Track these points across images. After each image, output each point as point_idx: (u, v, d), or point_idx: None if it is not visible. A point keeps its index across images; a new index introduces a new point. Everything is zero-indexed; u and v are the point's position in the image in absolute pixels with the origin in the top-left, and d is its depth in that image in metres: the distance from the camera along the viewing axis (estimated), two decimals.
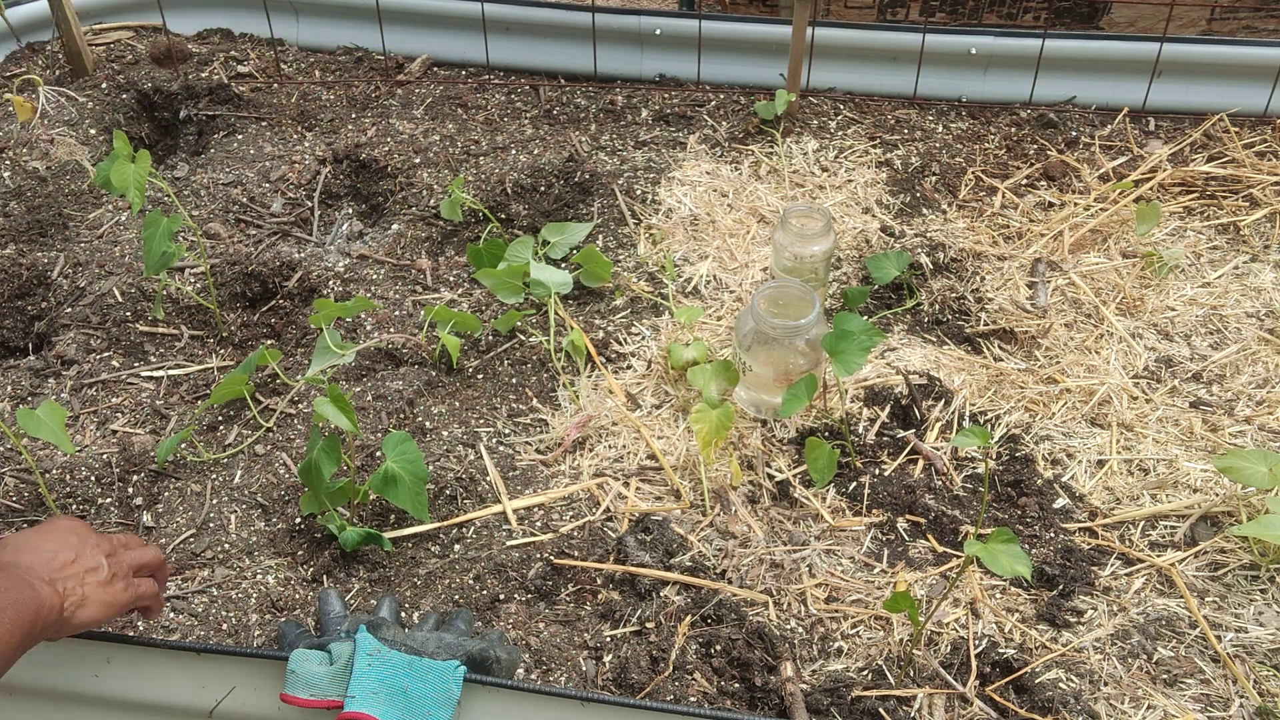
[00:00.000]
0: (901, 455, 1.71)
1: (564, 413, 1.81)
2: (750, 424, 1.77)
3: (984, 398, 1.81)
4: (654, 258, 2.11)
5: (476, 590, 1.54)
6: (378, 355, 1.91)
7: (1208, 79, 2.46)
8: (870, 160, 2.35)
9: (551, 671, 1.42)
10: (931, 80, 2.53)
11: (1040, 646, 1.45)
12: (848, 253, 2.13)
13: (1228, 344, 1.91)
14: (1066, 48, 2.47)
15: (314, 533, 1.62)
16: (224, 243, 2.17)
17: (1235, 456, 1.57)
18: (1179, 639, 1.46)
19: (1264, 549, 1.56)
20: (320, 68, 2.70)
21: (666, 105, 2.56)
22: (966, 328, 1.95)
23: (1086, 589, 1.52)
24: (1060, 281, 2.03)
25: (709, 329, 1.95)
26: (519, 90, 2.65)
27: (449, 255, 2.16)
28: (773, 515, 1.63)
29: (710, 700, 1.38)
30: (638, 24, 2.61)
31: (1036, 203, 2.24)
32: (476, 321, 1.88)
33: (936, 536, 1.60)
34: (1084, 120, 2.46)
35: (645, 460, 1.72)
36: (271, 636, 1.47)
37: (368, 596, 1.54)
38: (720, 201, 2.24)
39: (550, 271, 1.97)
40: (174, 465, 1.74)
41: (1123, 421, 1.76)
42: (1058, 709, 1.36)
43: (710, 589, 1.51)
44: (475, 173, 2.31)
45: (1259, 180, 2.25)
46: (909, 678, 1.41)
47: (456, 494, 1.67)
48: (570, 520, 1.63)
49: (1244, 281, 2.05)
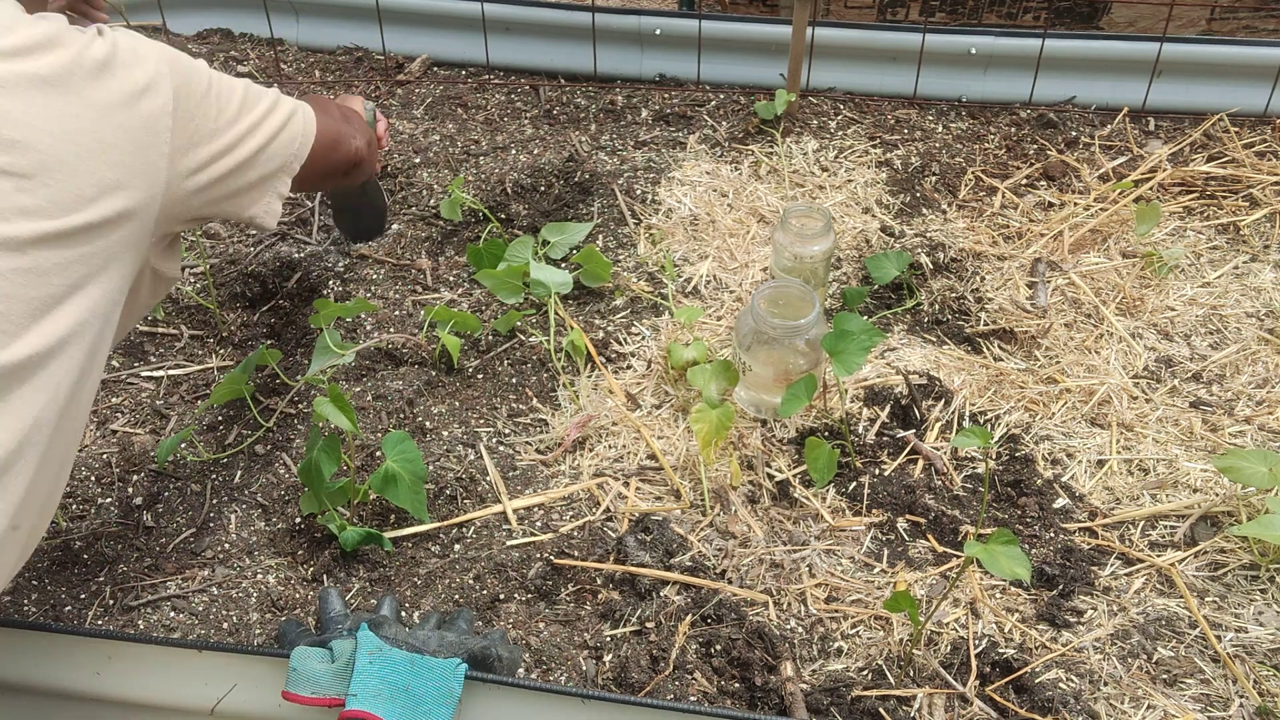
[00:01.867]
0: (901, 455, 1.71)
1: (564, 413, 1.81)
2: (750, 424, 1.77)
3: (984, 398, 1.81)
4: (654, 258, 2.11)
5: (476, 590, 1.54)
6: (378, 355, 1.91)
7: (1208, 79, 2.46)
8: (870, 160, 2.35)
9: (551, 671, 1.42)
10: (931, 80, 2.54)
11: (1040, 646, 1.45)
12: (848, 253, 2.13)
13: (1228, 344, 1.92)
14: (1066, 48, 2.47)
15: (314, 532, 1.62)
16: (224, 242, 2.17)
17: (1235, 456, 1.57)
18: (1179, 639, 1.46)
19: (1264, 549, 1.56)
20: (320, 68, 2.70)
21: (666, 105, 2.57)
22: (966, 328, 1.96)
23: (1086, 589, 1.52)
24: (1060, 281, 2.03)
25: (709, 329, 1.95)
26: (519, 90, 2.65)
27: (449, 255, 2.16)
28: (773, 515, 1.64)
29: (710, 700, 1.38)
30: (638, 24, 2.62)
31: (1036, 203, 2.24)
32: (476, 321, 1.88)
33: (936, 536, 1.60)
34: (1084, 120, 2.46)
35: (645, 460, 1.72)
36: (272, 635, 1.48)
37: (368, 596, 1.54)
38: (720, 201, 2.24)
39: (550, 271, 1.97)
40: (174, 465, 1.74)
41: (1123, 421, 1.76)
42: (1058, 709, 1.36)
43: (710, 589, 1.51)
44: (475, 173, 2.31)
45: (1259, 180, 2.25)
46: (909, 678, 1.41)
47: (456, 494, 1.67)
48: (570, 520, 1.63)
49: (1244, 281, 2.05)
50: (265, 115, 1.35)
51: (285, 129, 1.38)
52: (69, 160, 1.07)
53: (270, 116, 1.36)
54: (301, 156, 1.39)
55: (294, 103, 1.42)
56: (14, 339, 1.03)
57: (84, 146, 1.09)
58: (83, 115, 1.10)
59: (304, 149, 1.40)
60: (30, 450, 1.06)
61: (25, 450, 1.05)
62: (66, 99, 1.09)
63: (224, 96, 1.28)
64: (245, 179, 1.33)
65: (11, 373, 1.03)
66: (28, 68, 1.06)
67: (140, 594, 1.54)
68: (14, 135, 1.04)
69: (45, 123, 1.06)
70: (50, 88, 1.08)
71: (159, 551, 1.60)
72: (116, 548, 1.61)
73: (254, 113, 1.33)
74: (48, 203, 1.05)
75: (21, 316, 1.03)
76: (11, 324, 1.02)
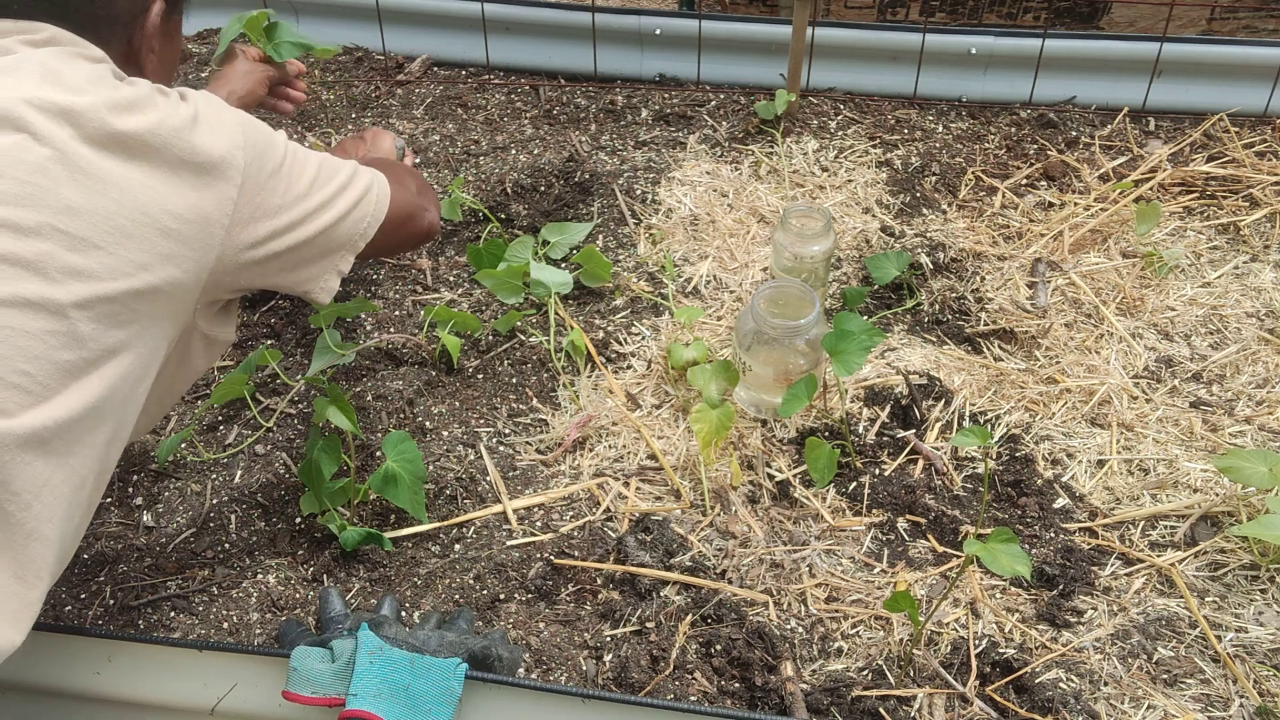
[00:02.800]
0: (901, 455, 1.71)
1: (564, 413, 1.81)
2: (750, 424, 1.77)
3: (984, 398, 1.81)
4: (654, 258, 2.11)
5: (477, 590, 1.54)
6: (378, 355, 1.91)
7: (1208, 79, 2.46)
8: (870, 160, 2.35)
9: (552, 671, 1.42)
10: (931, 80, 2.54)
11: (1040, 646, 1.45)
12: (848, 253, 2.13)
13: (1228, 344, 1.92)
14: (1066, 48, 2.47)
15: (314, 532, 1.62)
16: None
17: (1235, 456, 1.57)
18: (1179, 639, 1.46)
19: (1264, 549, 1.56)
20: (320, 68, 2.70)
21: (666, 105, 2.57)
22: (966, 328, 1.96)
23: (1086, 589, 1.52)
24: (1060, 281, 2.03)
25: (709, 329, 1.95)
26: (519, 90, 2.65)
27: (449, 255, 2.16)
28: (773, 515, 1.64)
29: (710, 700, 1.38)
30: (638, 24, 2.62)
31: (1036, 203, 2.24)
32: (476, 321, 1.88)
33: (936, 536, 1.60)
34: (1084, 120, 2.47)
35: (645, 460, 1.72)
36: (272, 635, 1.48)
37: (368, 596, 1.54)
38: (720, 201, 2.24)
39: (550, 271, 1.97)
40: (174, 465, 1.74)
41: (1123, 421, 1.76)
42: (1058, 709, 1.36)
43: (710, 589, 1.51)
44: (475, 173, 2.31)
45: (1259, 180, 2.25)
46: (909, 678, 1.41)
47: (456, 494, 1.67)
48: (570, 520, 1.63)
49: (1244, 281, 2.05)
50: (337, 193, 1.30)
51: (356, 208, 1.33)
52: (128, 227, 1.07)
53: (342, 195, 1.31)
54: (369, 235, 1.34)
55: (370, 177, 1.36)
56: (42, 401, 1.02)
57: (147, 215, 1.08)
58: (150, 184, 1.09)
59: (372, 228, 1.34)
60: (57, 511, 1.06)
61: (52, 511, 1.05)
62: (137, 163, 1.09)
63: (295, 171, 1.25)
64: (304, 254, 1.28)
65: (35, 438, 1.02)
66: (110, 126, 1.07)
67: (140, 594, 1.54)
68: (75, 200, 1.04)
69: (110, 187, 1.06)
70: (125, 150, 1.08)
71: (159, 551, 1.60)
72: (117, 548, 1.61)
73: (325, 190, 1.28)
74: (100, 266, 1.05)
75: (50, 378, 1.02)
76: (40, 385, 1.02)
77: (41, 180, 1.02)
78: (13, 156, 1.02)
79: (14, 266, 1.00)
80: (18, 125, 1.03)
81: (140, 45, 1.25)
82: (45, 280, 1.02)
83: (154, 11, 1.25)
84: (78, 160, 1.04)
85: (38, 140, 1.03)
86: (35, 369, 1.01)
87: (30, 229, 1.01)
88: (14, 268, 1.00)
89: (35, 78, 1.07)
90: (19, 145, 1.03)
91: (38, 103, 1.04)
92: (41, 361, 1.01)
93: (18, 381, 1.00)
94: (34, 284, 1.01)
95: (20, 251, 1.01)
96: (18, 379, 1.00)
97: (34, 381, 1.01)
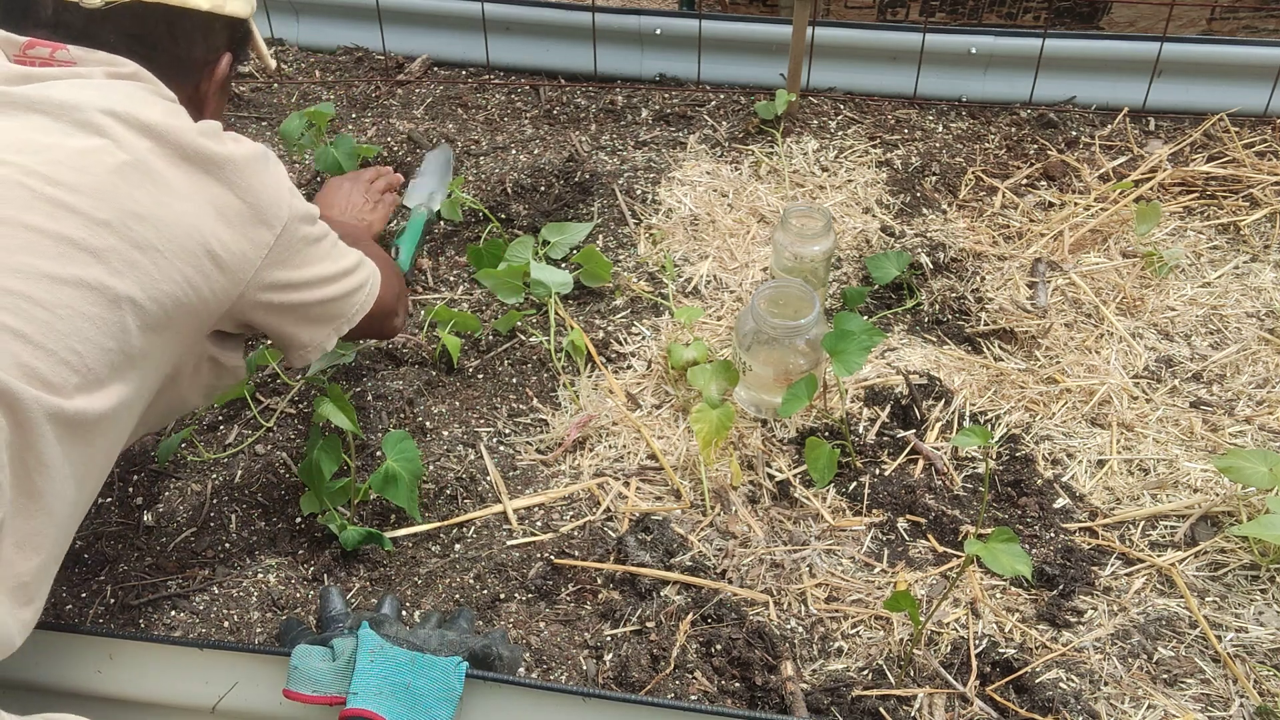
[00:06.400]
0: (901, 455, 1.71)
1: (564, 412, 1.81)
2: (750, 424, 1.77)
3: (984, 398, 1.81)
4: (654, 258, 2.12)
5: (477, 590, 1.54)
6: (378, 355, 1.91)
7: (1208, 79, 2.46)
8: (870, 160, 2.35)
9: (552, 671, 1.42)
10: (931, 80, 2.54)
11: (1040, 646, 1.45)
12: (848, 253, 2.13)
13: (1228, 344, 1.92)
14: (1066, 48, 2.47)
15: (314, 532, 1.62)
16: None
17: (1235, 456, 1.57)
18: (1179, 639, 1.46)
19: (1264, 549, 1.56)
20: (320, 68, 2.71)
21: (666, 105, 2.57)
22: (966, 328, 1.96)
23: (1087, 589, 1.52)
24: (1060, 281, 2.03)
25: (709, 329, 1.95)
26: (519, 90, 2.65)
27: (449, 255, 2.16)
28: (773, 515, 1.64)
29: (710, 699, 1.38)
30: (638, 24, 2.62)
31: (1036, 203, 2.24)
32: (476, 321, 1.88)
33: (936, 536, 1.60)
34: (1084, 120, 2.47)
35: (645, 460, 1.72)
36: (273, 634, 1.48)
37: (368, 596, 1.54)
38: (720, 201, 2.24)
39: (550, 271, 1.97)
40: (174, 465, 1.74)
41: (1123, 421, 1.77)
42: (1058, 709, 1.36)
43: (710, 589, 1.51)
44: (475, 173, 2.31)
45: (1259, 180, 2.25)
46: (909, 677, 1.41)
47: (457, 494, 1.67)
48: (570, 520, 1.63)
49: (1244, 281, 2.05)
50: (344, 273, 1.39)
51: (356, 292, 1.42)
52: (184, 240, 1.16)
53: (348, 277, 1.40)
54: (355, 321, 1.43)
55: (370, 272, 1.46)
56: (88, 387, 1.09)
57: (201, 234, 1.18)
58: (210, 209, 1.19)
59: (360, 314, 1.43)
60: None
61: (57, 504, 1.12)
62: (208, 179, 1.19)
63: (319, 239, 1.35)
64: (310, 314, 1.37)
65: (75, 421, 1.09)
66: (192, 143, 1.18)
67: (141, 593, 1.54)
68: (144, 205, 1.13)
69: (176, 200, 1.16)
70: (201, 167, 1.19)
71: (160, 551, 1.60)
72: (117, 547, 1.61)
73: (338, 263, 1.38)
74: (155, 269, 1.14)
75: (96, 364, 1.10)
76: (86, 368, 1.09)
77: (119, 182, 1.12)
78: (95, 157, 1.11)
79: (82, 251, 1.08)
80: (101, 132, 1.13)
81: (206, 91, 1.37)
82: (107, 269, 1.09)
83: (224, 61, 1.37)
84: (152, 171, 1.15)
85: (119, 146, 1.13)
86: (85, 351, 1.08)
87: (102, 221, 1.10)
88: (82, 252, 1.08)
89: (121, 95, 1.18)
90: (103, 148, 1.12)
91: (123, 115, 1.15)
92: (91, 345, 1.08)
93: (69, 359, 1.06)
94: (96, 270, 1.09)
95: (89, 240, 1.09)
96: (69, 356, 1.07)
97: (82, 363, 1.08)
